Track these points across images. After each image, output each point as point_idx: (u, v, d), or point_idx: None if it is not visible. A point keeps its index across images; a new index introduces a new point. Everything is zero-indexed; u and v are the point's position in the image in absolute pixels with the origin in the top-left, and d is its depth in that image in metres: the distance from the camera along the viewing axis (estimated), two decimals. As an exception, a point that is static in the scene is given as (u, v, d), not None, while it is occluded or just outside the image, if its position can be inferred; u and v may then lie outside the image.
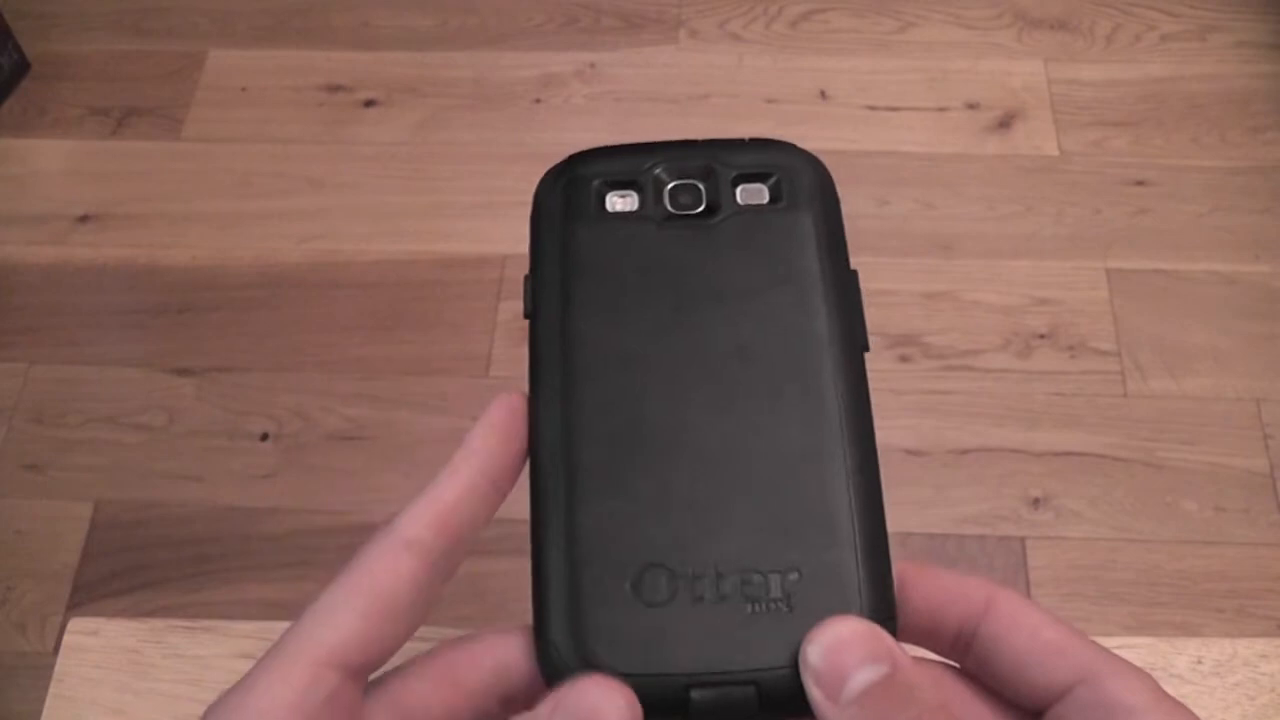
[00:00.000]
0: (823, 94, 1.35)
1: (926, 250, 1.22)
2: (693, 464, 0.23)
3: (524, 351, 0.25)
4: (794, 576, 0.22)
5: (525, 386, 0.25)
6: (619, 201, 0.26)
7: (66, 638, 0.40)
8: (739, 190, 0.26)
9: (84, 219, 1.28)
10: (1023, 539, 1.04)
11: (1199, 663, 0.38)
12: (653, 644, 0.22)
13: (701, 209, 0.26)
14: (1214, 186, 1.26)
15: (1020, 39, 1.39)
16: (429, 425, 1.12)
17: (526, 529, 0.23)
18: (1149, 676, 0.23)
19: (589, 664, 0.22)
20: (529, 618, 0.23)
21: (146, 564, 1.06)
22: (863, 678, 0.21)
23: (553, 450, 0.24)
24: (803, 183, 0.26)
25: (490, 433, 0.25)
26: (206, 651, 0.39)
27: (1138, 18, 1.41)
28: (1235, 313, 1.17)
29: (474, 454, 0.24)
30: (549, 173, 0.27)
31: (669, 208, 0.26)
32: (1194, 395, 1.12)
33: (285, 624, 0.23)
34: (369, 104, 1.36)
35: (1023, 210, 1.25)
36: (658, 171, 0.26)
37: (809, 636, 0.22)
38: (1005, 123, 1.32)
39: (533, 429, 0.24)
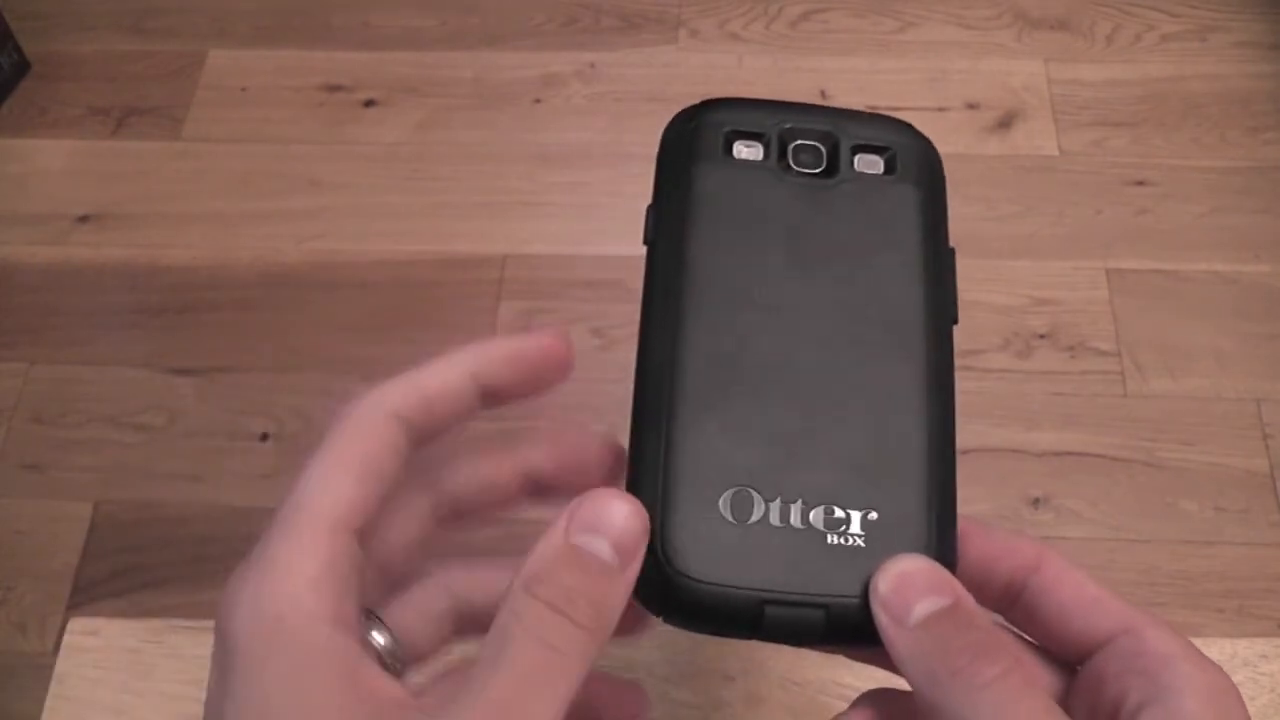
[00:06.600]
0: (823, 94, 1.35)
1: (926, 250, 1.22)
2: (790, 399, 0.25)
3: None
4: (872, 516, 0.24)
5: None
6: (744, 150, 0.27)
7: (66, 638, 0.40)
8: (857, 158, 0.28)
9: (84, 219, 1.28)
10: (1023, 539, 1.04)
11: (1199, 663, 0.38)
12: (736, 559, 0.23)
13: (820, 169, 0.28)
14: (1214, 186, 1.26)
15: (1020, 39, 1.39)
16: (429, 425, 1.12)
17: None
18: (1179, 632, 0.25)
19: (675, 570, 0.23)
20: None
21: (146, 564, 1.06)
22: (927, 605, 0.23)
23: (660, 370, 0.25)
24: (915, 160, 0.28)
25: (503, 347, 0.25)
26: (206, 651, 0.39)
27: (1138, 18, 1.40)
28: (1235, 313, 1.17)
29: (474, 355, 0.25)
30: (679, 114, 0.28)
31: (790, 163, 0.27)
32: (1194, 395, 1.12)
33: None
34: (369, 104, 1.36)
35: (1023, 210, 1.25)
36: (784, 128, 0.28)
37: (880, 569, 0.23)
38: (1005, 123, 1.32)
39: (642, 348, 0.26)
